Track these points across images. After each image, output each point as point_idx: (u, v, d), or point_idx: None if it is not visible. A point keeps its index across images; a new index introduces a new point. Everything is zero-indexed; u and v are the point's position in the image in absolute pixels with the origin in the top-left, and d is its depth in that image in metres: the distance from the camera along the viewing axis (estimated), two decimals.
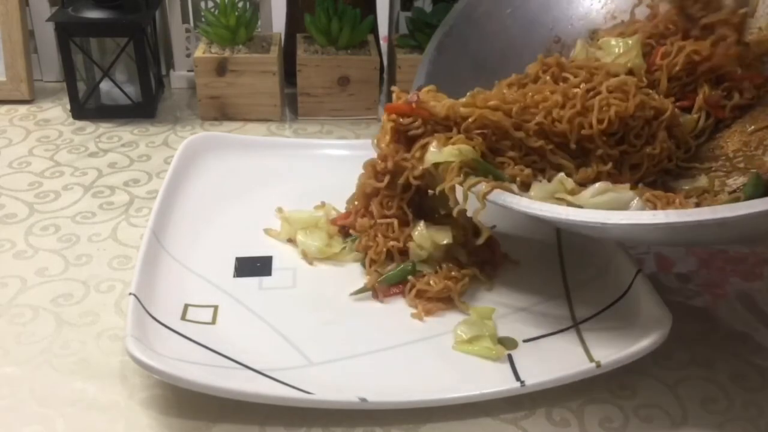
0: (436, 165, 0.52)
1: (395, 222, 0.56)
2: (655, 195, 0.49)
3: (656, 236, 0.48)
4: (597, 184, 0.49)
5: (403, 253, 0.56)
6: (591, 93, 0.54)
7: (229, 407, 0.44)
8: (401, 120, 0.53)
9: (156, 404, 0.45)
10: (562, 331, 0.51)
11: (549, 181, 0.51)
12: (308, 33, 0.83)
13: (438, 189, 0.52)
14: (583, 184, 0.51)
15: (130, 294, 0.48)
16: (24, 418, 0.44)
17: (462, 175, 0.50)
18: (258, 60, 0.80)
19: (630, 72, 0.57)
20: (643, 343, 0.45)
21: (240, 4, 0.84)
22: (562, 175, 0.51)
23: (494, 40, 0.68)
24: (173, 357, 0.45)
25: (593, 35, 0.68)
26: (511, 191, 0.49)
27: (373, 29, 0.88)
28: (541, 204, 0.48)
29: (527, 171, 0.51)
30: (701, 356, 0.50)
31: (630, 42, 0.60)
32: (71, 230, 0.62)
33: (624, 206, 0.48)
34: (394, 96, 0.55)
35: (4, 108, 0.85)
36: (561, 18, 0.69)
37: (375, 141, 0.56)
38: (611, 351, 0.46)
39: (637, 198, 0.48)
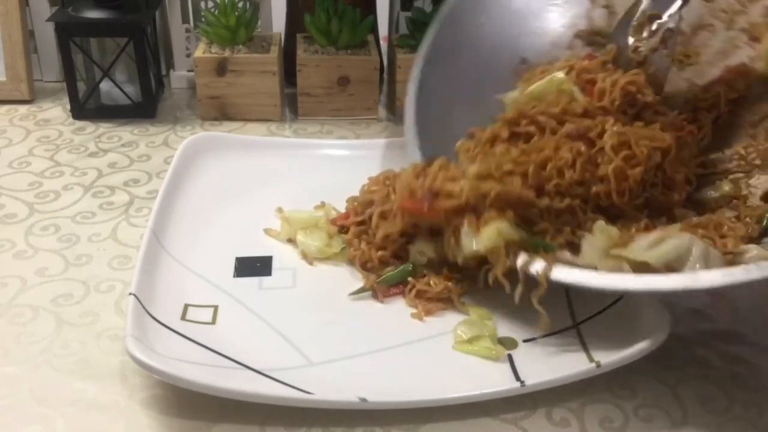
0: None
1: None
2: (704, 226, 0.48)
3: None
4: (651, 236, 0.47)
5: (398, 257, 0.56)
6: (594, 151, 0.52)
7: (229, 407, 0.44)
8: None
9: (156, 404, 0.45)
10: (562, 331, 0.51)
11: (590, 232, 0.50)
12: (308, 33, 0.83)
13: (491, 278, 0.50)
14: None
15: (130, 294, 0.48)
16: (24, 418, 0.44)
17: (511, 255, 0.49)
18: (258, 60, 0.80)
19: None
20: (643, 343, 0.45)
21: (240, 4, 0.84)
22: (601, 223, 0.49)
23: (468, 68, 0.68)
24: (173, 357, 0.45)
25: (524, 62, 0.68)
26: (570, 261, 0.48)
27: (373, 29, 0.88)
28: (615, 276, 0.46)
29: (566, 230, 0.50)
30: (701, 356, 0.50)
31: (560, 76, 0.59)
32: (71, 230, 0.62)
33: (686, 252, 0.46)
34: (405, 181, 0.54)
35: (4, 108, 0.85)
36: (524, 35, 0.69)
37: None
38: (611, 351, 0.46)
39: (697, 240, 0.46)
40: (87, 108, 0.82)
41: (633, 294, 0.48)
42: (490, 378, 0.46)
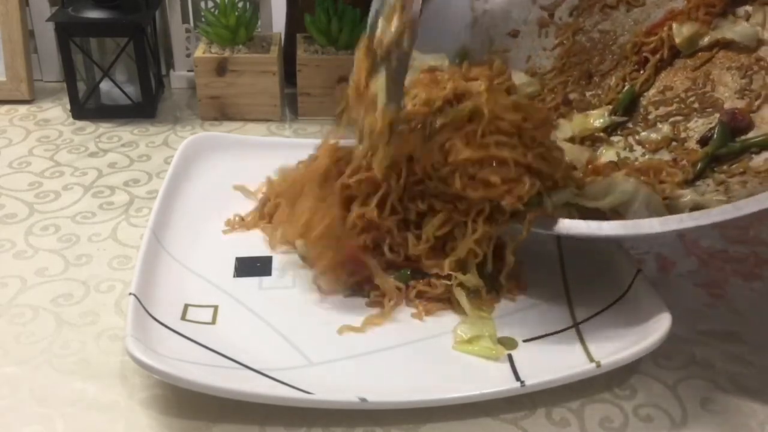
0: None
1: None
2: (644, 172, 0.51)
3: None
4: (602, 182, 0.50)
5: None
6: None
7: (229, 407, 0.44)
8: None
9: (156, 404, 0.45)
10: (562, 331, 0.51)
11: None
12: (308, 33, 0.83)
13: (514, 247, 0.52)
14: None
15: (130, 294, 0.48)
16: (24, 418, 0.44)
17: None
18: (258, 60, 0.80)
19: None
20: (643, 343, 0.45)
21: (240, 4, 0.84)
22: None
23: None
24: (173, 357, 0.45)
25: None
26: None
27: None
28: (566, 222, 0.49)
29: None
30: (701, 356, 0.50)
31: None
32: (71, 230, 0.62)
33: (632, 197, 0.49)
34: None
35: (4, 108, 0.85)
36: None
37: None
38: (611, 351, 0.46)
39: (642, 186, 0.49)
40: (87, 108, 0.82)
41: (578, 237, 0.50)
42: (490, 378, 0.46)
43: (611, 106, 0.67)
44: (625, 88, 0.67)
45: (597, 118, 0.66)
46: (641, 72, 0.67)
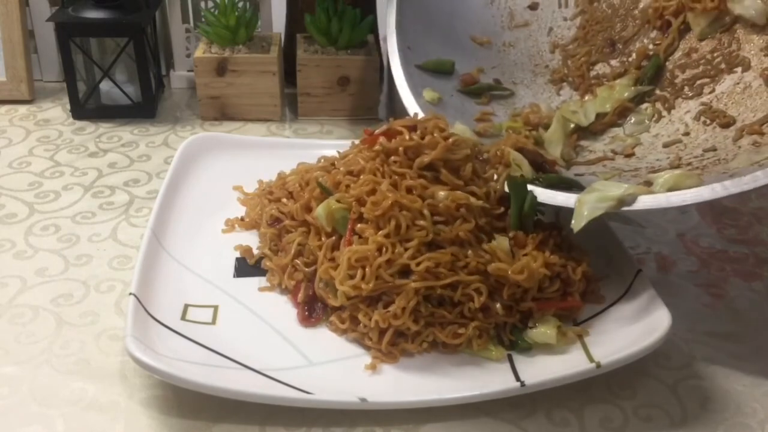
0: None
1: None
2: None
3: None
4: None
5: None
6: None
7: (229, 407, 0.44)
8: None
9: (156, 404, 0.45)
10: None
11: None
12: (308, 33, 0.83)
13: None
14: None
15: (130, 294, 0.48)
16: (24, 418, 0.44)
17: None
18: (258, 60, 0.80)
19: None
20: (643, 343, 0.45)
21: (240, 4, 0.84)
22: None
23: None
24: (173, 357, 0.45)
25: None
26: None
27: (373, 29, 0.87)
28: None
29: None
30: (701, 356, 0.50)
31: None
32: (71, 230, 0.62)
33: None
34: None
35: (4, 108, 0.85)
36: None
37: None
38: (611, 351, 0.46)
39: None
40: (87, 108, 0.82)
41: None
42: (490, 378, 0.46)
43: (636, 75, 0.66)
44: (651, 53, 0.66)
45: (623, 91, 0.66)
46: (665, 36, 0.66)
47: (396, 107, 0.82)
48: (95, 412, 0.45)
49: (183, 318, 0.50)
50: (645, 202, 0.49)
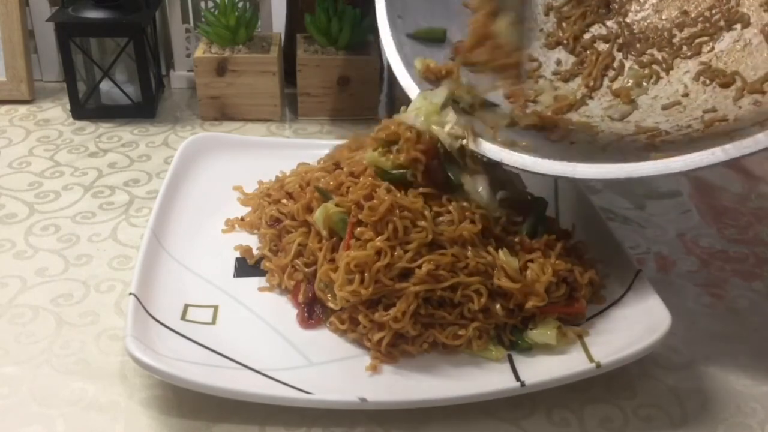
0: None
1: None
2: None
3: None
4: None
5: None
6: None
7: (229, 407, 0.44)
8: None
9: (156, 404, 0.45)
10: None
11: None
12: (308, 33, 0.83)
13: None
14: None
15: (130, 294, 0.48)
16: (24, 418, 0.44)
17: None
18: (258, 60, 0.80)
19: None
20: (643, 343, 0.45)
21: (240, 4, 0.84)
22: None
23: None
24: (173, 357, 0.45)
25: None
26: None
27: (373, 29, 0.87)
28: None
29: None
30: (701, 356, 0.50)
31: None
32: (71, 230, 0.62)
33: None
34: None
35: (4, 108, 0.85)
36: None
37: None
38: (611, 351, 0.46)
39: None
40: (87, 108, 0.82)
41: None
42: (490, 378, 0.46)
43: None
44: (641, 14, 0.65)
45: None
46: None
47: (396, 107, 0.82)
48: (95, 412, 0.45)
49: (183, 318, 0.50)
50: (630, 169, 0.47)
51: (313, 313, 0.51)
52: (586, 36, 0.68)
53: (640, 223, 0.65)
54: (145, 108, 0.83)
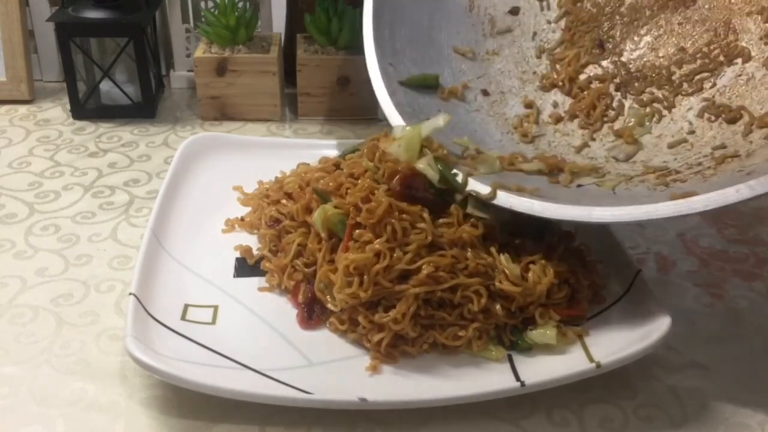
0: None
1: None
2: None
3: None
4: None
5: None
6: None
7: (229, 407, 0.44)
8: None
9: (156, 404, 0.45)
10: None
11: None
12: (308, 33, 0.83)
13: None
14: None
15: (130, 294, 0.48)
16: (24, 418, 0.44)
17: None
18: (258, 60, 0.80)
19: None
20: (643, 344, 0.45)
21: (240, 4, 0.84)
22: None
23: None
24: (173, 357, 0.45)
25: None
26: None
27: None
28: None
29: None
30: (701, 356, 0.50)
31: None
32: (71, 230, 0.62)
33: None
34: None
35: (4, 108, 0.85)
36: None
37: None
38: (611, 351, 0.46)
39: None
40: (87, 108, 0.82)
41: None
42: (490, 378, 0.46)
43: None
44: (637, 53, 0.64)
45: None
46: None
47: None
48: (95, 412, 0.45)
49: (183, 318, 0.50)
50: (659, 209, 0.45)
51: (312, 313, 0.51)
52: (582, 77, 0.68)
53: (640, 222, 0.65)
54: (145, 108, 0.83)
